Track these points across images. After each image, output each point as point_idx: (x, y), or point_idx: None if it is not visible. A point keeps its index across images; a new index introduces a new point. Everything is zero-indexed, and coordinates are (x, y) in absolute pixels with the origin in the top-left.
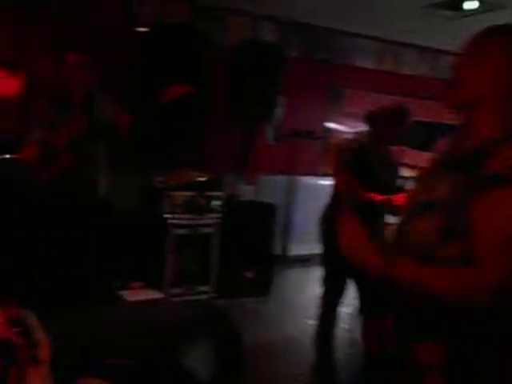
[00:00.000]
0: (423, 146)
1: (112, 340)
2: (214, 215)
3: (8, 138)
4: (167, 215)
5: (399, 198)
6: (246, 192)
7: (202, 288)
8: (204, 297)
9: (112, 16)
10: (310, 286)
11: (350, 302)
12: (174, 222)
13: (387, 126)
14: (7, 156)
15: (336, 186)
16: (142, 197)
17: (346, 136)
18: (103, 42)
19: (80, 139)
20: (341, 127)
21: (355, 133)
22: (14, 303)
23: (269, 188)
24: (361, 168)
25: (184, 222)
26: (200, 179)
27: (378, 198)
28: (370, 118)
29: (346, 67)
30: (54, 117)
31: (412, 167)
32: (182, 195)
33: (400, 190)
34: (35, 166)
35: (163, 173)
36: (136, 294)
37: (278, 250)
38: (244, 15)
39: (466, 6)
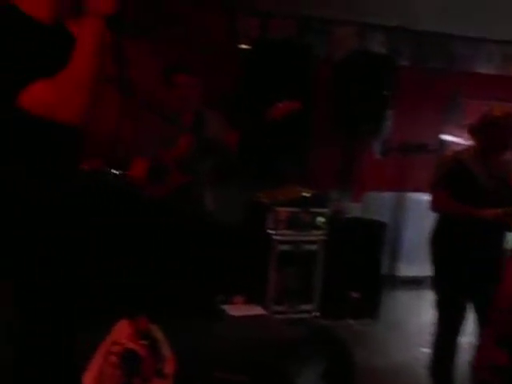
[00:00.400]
0: None
1: (222, 354)
2: (319, 232)
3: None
4: (271, 231)
5: None
6: (352, 209)
7: (305, 307)
8: (307, 316)
9: (216, 35)
10: (422, 309)
11: (470, 331)
12: (278, 237)
13: (493, 135)
14: (118, 172)
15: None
16: (246, 212)
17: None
18: (209, 61)
19: (189, 157)
20: (458, 140)
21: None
22: (143, 316)
23: (376, 205)
24: (461, 182)
25: (288, 239)
26: (305, 195)
27: (488, 212)
28: (472, 129)
29: (466, 75)
30: (164, 135)
31: None
32: (286, 211)
33: None
34: (144, 183)
35: (268, 188)
36: (239, 309)
37: (386, 270)
38: (349, 25)
39: None
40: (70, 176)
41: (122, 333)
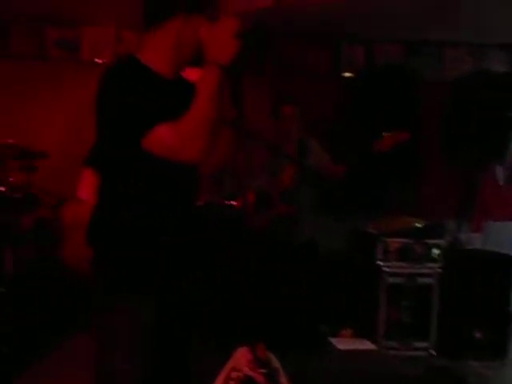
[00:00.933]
0: None
1: None
2: (434, 265)
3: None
4: (380, 262)
5: None
6: (472, 240)
7: (420, 344)
8: (422, 354)
9: (320, 65)
10: None
11: None
12: (388, 269)
13: None
14: (228, 202)
15: None
16: (352, 242)
17: None
18: (313, 91)
19: (292, 187)
20: None
21: None
22: (262, 344)
23: (500, 236)
24: None
25: (399, 271)
26: (417, 225)
27: None
28: None
29: None
30: (270, 166)
31: None
32: (396, 242)
33: None
34: (252, 212)
35: (376, 217)
36: (346, 343)
37: None
38: (463, 46)
39: None
40: (190, 210)
41: (241, 359)
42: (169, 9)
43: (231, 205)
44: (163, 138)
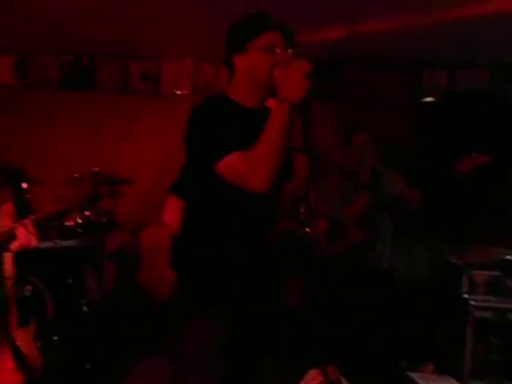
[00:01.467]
0: None
1: None
2: None
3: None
4: (466, 295)
5: None
6: None
7: None
8: None
9: (398, 92)
10: None
11: None
12: (475, 303)
13: None
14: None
15: None
16: (434, 272)
17: None
18: (389, 118)
19: (366, 214)
20: None
21: None
22: (334, 367)
23: None
24: None
25: (487, 305)
26: (508, 257)
27: None
28: None
29: None
30: (342, 193)
31: None
32: (484, 274)
33: None
34: (324, 240)
35: (460, 247)
36: (428, 379)
37: None
38: None
39: None
40: (265, 236)
41: (313, 381)
42: (243, 43)
43: (306, 232)
44: (233, 164)
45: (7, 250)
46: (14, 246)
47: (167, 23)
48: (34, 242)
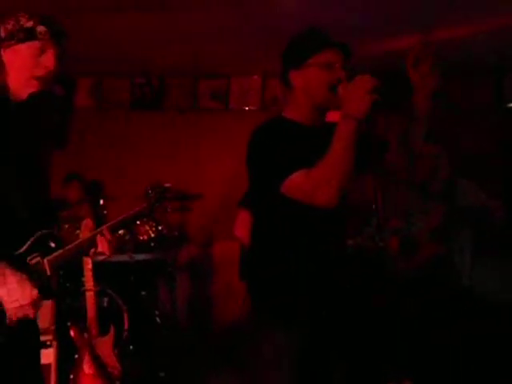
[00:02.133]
0: None
1: None
2: None
3: None
4: None
5: None
6: None
7: None
8: None
9: (473, 99)
10: None
11: None
12: None
13: None
14: (373, 244)
15: None
16: None
17: None
18: (463, 126)
19: (442, 227)
20: None
21: None
22: (409, 381)
23: None
24: None
25: None
26: None
27: None
28: None
29: None
30: (413, 206)
31: None
32: None
33: None
34: (397, 256)
35: None
36: None
37: None
38: None
39: None
40: (334, 250)
41: None
42: (302, 59)
43: (379, 247)
44: (298, 182)
45: (87, 255)
46: (92, 252)
47: (234, 41)
48: (109, 250)
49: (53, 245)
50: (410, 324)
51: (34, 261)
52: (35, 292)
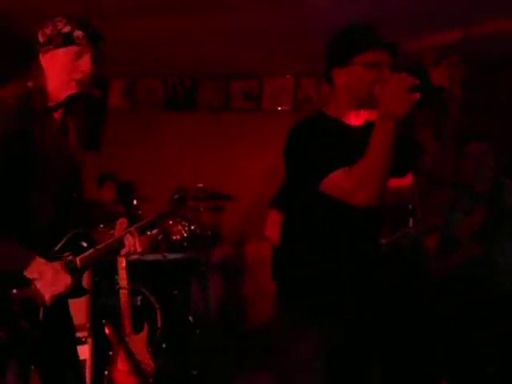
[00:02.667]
0: None
1: None
2: None
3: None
4: None
5: None
6: None
7: None
8: None
9: None
10: None
11: None
12: None
13: None
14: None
15: None
16: None
17: None
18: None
19: (484, 228)
20: None
21: None
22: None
23: None
24: None
25: None
26: None
27: None
28: None
29: None
30: (455, 205)
31: None
32: None
33: None
34: (436, 255)
35: None
36: None
37: None
38: None
39: None
40: (370, 248)
41: None
42: (348, 56)
43: (417, 246)
44: (338, 181)
45: (118, 254)
46: (123, 252)
47: (266, 41)
48: (139, 249)
49: (85, 244)
50: (447, 323)
51: (66, 259)
52: (69, 280)
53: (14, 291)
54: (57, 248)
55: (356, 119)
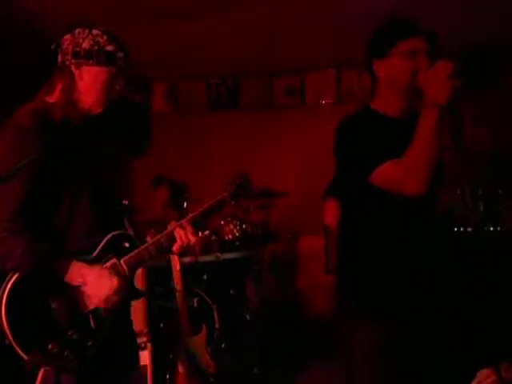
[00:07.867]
0: None
1: None
2: None
3: None
4: None
5: None
6: None
7: None
8: None
9: None
10: None
11: None
12: None
13: None
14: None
15: None
16: None
17: None
18: None
19: None
20: None
21: None
22: (508, 365)
23: None
24: None
25: None
26: None
27: None
28: None
29: None
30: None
31: None
32: None
33: None
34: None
35: None
36: None
37: None
38: None
39: None
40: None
41: (485, 379)
42: (385, 48)
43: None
44: (388, 172)
45: (171, 251)
46: (176, 247)
47: (306, 36)
48: (193, 240)
49: (127, 245)
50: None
51: (109, 263)
52: (115, 281)
53: (55, 301)
54: (96, 252)
55: (401, 111)
